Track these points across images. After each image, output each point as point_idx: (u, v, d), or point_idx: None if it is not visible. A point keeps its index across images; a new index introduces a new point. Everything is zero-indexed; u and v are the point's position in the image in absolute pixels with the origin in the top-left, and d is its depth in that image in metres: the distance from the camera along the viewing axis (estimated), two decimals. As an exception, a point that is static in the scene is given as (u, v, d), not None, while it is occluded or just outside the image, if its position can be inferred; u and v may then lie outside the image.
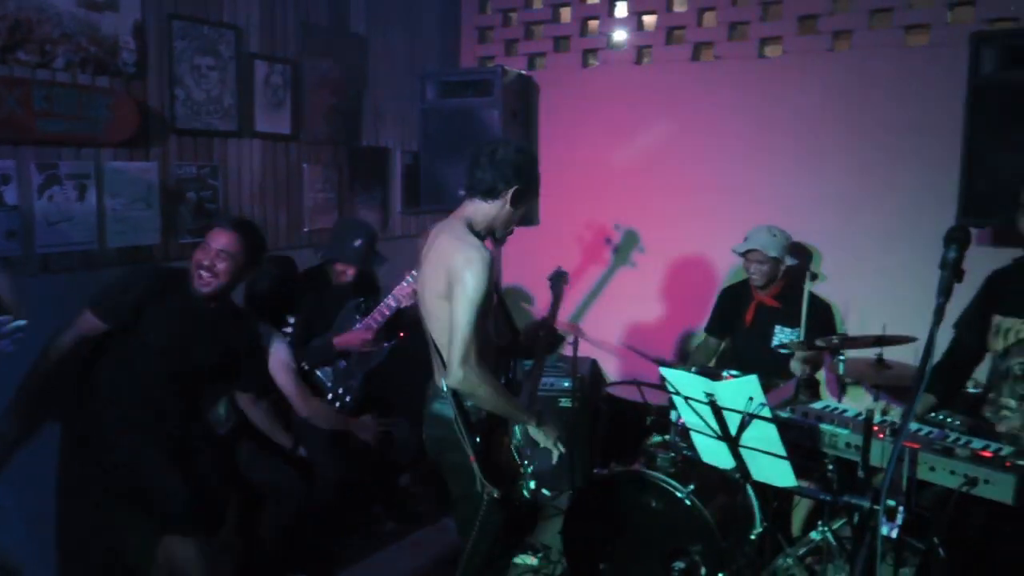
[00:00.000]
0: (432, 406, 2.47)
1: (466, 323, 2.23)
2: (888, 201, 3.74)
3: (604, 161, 4.47)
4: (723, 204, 4.12)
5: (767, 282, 3.64)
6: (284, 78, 3.89)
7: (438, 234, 2.40)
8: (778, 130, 3.99)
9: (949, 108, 3.35)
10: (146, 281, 2.65)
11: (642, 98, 4.35)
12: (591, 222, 4.53)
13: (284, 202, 3.95)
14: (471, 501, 2.43)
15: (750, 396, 2.04)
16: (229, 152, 3.66)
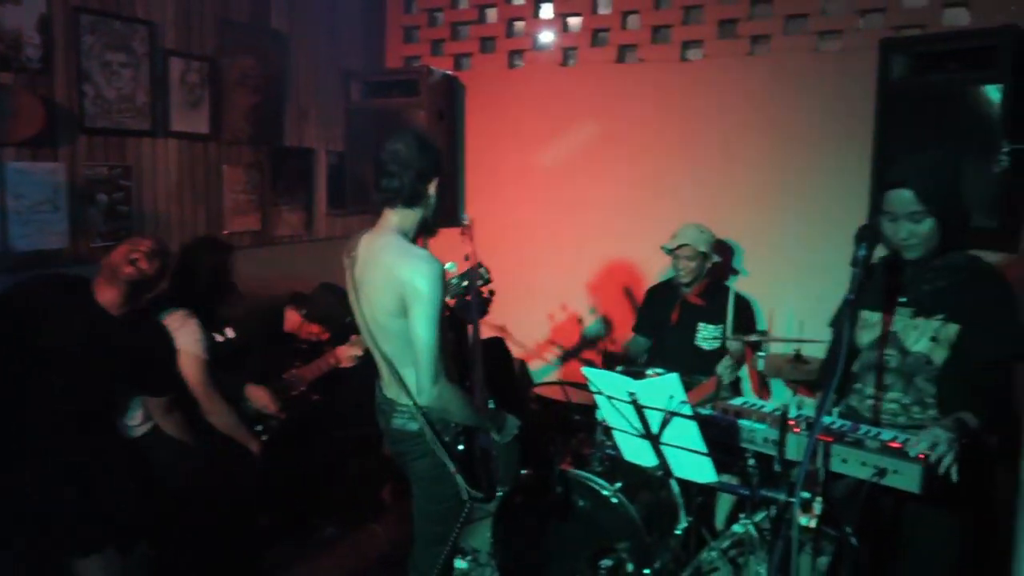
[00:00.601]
0: (393, 422, 2.42)
1: (431, 339, 2.18)
2: (806, 201, 3.85)
3: (532, 161, 4.48)
4: (649, 204, 4.18)
5: (693, 279, 3.71)
6: (201, 76, 3.77)
7: (374, 250, 2.31)
8: (701, 131, 4.07)
9: (861, 111, 3.46)
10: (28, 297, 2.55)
11: (568, 99, 4.37)
12: (520, 223, 4.53)
13: (203, 204, 3.82)
14: (444, 506, 2.44)
15: (671, 394, 2.06)
16: (143, 152, 3.53)
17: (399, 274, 2.20)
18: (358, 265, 2.37)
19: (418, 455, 2.39)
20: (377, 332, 2.34)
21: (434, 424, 2.34)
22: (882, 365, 2.26)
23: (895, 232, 2.16)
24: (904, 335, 2.22)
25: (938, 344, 2.16)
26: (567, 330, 4.50)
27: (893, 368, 2.24)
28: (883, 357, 2.25)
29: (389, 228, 2.32)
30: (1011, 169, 2.85)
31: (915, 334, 2.20)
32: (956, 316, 2.14)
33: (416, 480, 2.48)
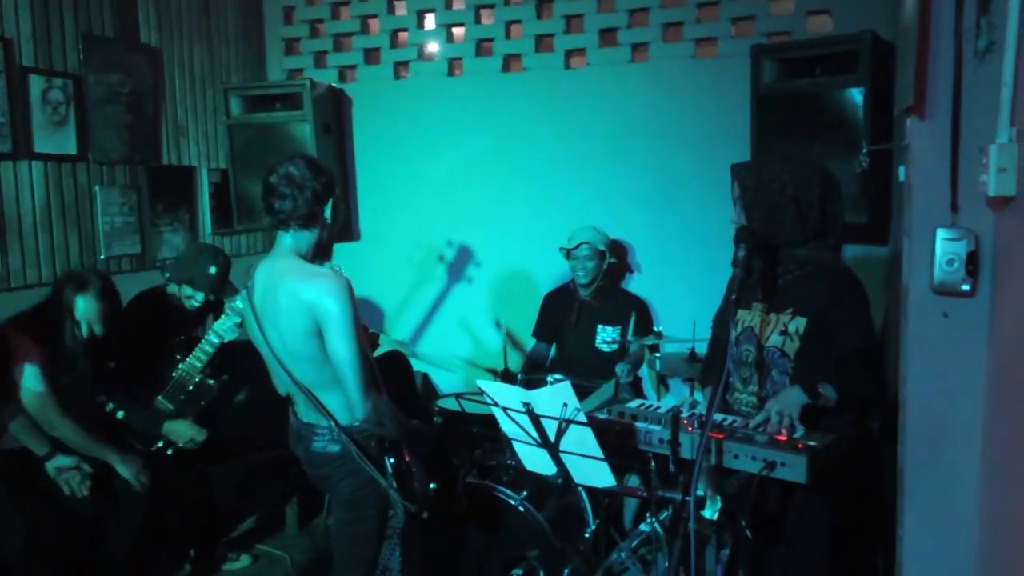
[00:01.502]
0: (314, 446, 2.35)
1: (352, 355, 2.15)
2: (691, 202, 3.97)
3: (422, 172, 4.45)
4: (541, 211, 4.22)
5: (592, 279, 3.76)
6: (66, 94, 3.55)
7: (275, 276, 2.24)
8: (587, 137, 4.14)
9: (739, 115, 3.60)
10: None
11: (456, 109, 4.37)
12: (414, 235, 4.49)
13: (75, 228, 3.60)
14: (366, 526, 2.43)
15: (564, 402, 2.08)
16: (3, 176, 3.30)
17: (306, 296, 2.16)
18: (258, 294, 2.29)
19: (340, 476, 2.35)
20: (288, 359, 2.27)
21: (358, 442, 2.29)
22: (744, 360, 2.35)
23: None
24: (760, 330, 2.31)
25: (789, 337, 2.26)
26: (468, 341, 4.48)
27: (751, 362, 2.33)
28: (747, 352, 2.34)
29: (286, 251, 2.28)
30: (869, 169, 3.03)
31: (769, 328, 2.30)
32: (805, 310, 2.24)
33: (337, 503, 2.44)
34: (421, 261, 4.50)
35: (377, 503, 2.40)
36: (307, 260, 2.29)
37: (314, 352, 2.21)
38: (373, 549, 2.48)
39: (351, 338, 2.16)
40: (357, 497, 2.38)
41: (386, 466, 2.38)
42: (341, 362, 2.16)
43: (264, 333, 2.28)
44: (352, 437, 2.30)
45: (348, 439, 2.29)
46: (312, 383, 2.28)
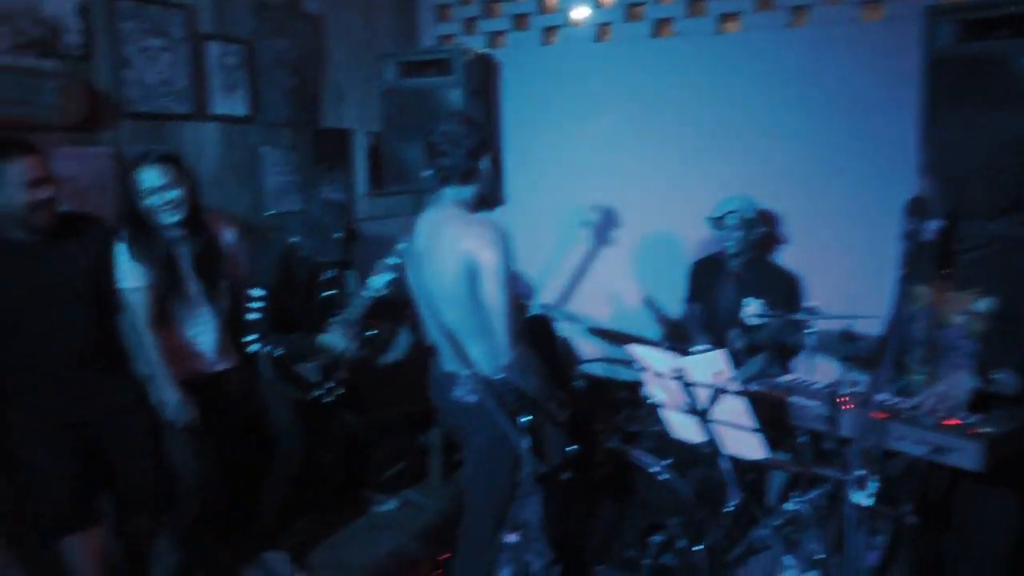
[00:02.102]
0: (452, 393, 2.46)
1: (504, 302, 2.25)
2: (850, 174, 3.77)
3: (568, 138, 4.44)
4: (687, 180, 4.13)
5: (740, 249, 3.67)
6: (239, 59, 3.78)
7: (437, 224, 2.38)
8: (739, 105, 4.00)
9: (906, 81, 3.38)
10: None
11: (603, 75, 4.32)
12: (559, 200, 4.50)
13: (244, 185, 3.85)
14: (498, 479, 2.50)
15: (718, 370, 2.05)
16: (184, 135, 3.56)
17: (465, 244, 2.26)
18: (420, 240, 2.41)
19: (476, 427, 2.43)
20: (441, 304, 2.37)
21: (497, 394, 2.35)
22: (924, 339, 2.22)
23: None
24: (944, 308, 2.18)
25: (974, 318, 2.12)
26: (612, 307, 4.48)
27: (934, 342, 2.21)
28: (928, 330, 2.21)
29: (447, 203, 2.40)
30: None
31: (951, 308, 2.16)
32: (993, 289, 2.09)
33: (472, 453, 2.51)
34: (566, 227, 4.51)
35: (510, 457, 2.45)
36: (468, 212, 2.40)
37: (466, 299, 2.29)
38: (503, 502, 2.55)
39: (504, 286, 2.25)
40: (490, 449, 2.46)
41: (521, 423, 2.41)
42: (493, 308, 2.25)
43: (422, 278, 2.39)
44: (492, 389, 2.36)
45: (487, 390, 2.35)
46: (459, 330, 2.37)
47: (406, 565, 3.34)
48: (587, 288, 4.53)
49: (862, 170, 3.73)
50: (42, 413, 2.55)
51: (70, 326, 2.59)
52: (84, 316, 2.63)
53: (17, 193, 2.40)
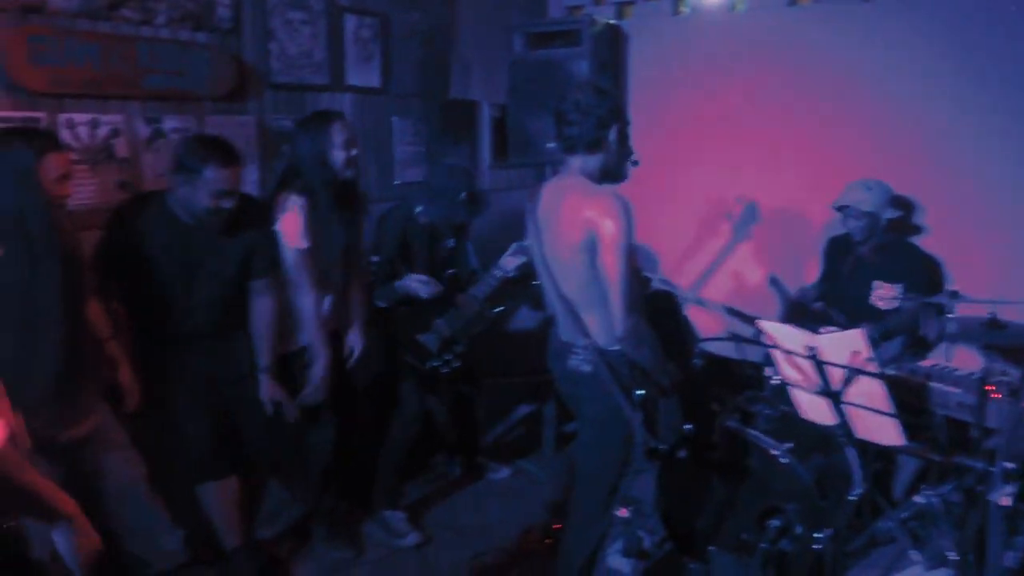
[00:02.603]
0: (568, 363, 2.46)
1: (621, 273, 2.23)
2: (997, 151, 3.51)
3: (697, 111, 4.33)
4: (821, 157, 3.95)
5: (866, 236, 3.50)
6: (374, 31, 3.89)
7: (559, 192, 2.37)
8: (880, 75, 3.78)
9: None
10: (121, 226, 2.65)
11: (736, 45, 4.18)
12: (688, 174, 4.41)
13: (374, 155, 3.98)
14: (610, 451, 2.48)
15: (855, 350, 1.96)
16: (321, 105, 3.70)
17: (587, 213, 2.24)
18: (541, 207, 2.41)
19: (590, 398, 2.42)
20: (559, 271, 2.37)
21: (612, 366, 2.34)
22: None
23: None
24: None
25: None
26: (735, 283, 4.37)
27: None
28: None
29: (572, 172, 2.38)
30: None
31: None
32: None
33: (586, 423, 2.51)
34: (691, 201, 4.42)
35: (622, 430, 2.43)
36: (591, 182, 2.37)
37: (584, 268, 2.28)
38: (614, 475, 2.53)
39: (622, 256, 2.21)
40: (603, 420, 2.44)
41: (635, 396, 2.39)
42: (610, 279, 2.21)
43: (542, 245, 2.40)
44: (606, 360, 2.35)
45: (602, 361, 2.33)
46: (576, 300, 2.36)
47: (518, 532, 3.40)
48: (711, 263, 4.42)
49: (1013, 144, 3.46)
50: (188, 375, 2.76)
51: (218, 302, 2.78)
52: (230, 295, 2.81)
53: (204, 198, 2.58)
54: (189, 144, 2.66)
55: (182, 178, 2.58)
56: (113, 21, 2.89)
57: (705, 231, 4.42)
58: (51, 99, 2.73)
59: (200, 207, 2.60)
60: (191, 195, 2.58)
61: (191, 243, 2.68)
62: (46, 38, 2.67)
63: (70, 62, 2.74)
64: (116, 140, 2.93)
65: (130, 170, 2.98)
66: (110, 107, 2.91)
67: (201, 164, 2.55)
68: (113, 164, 2.93)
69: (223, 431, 2.84)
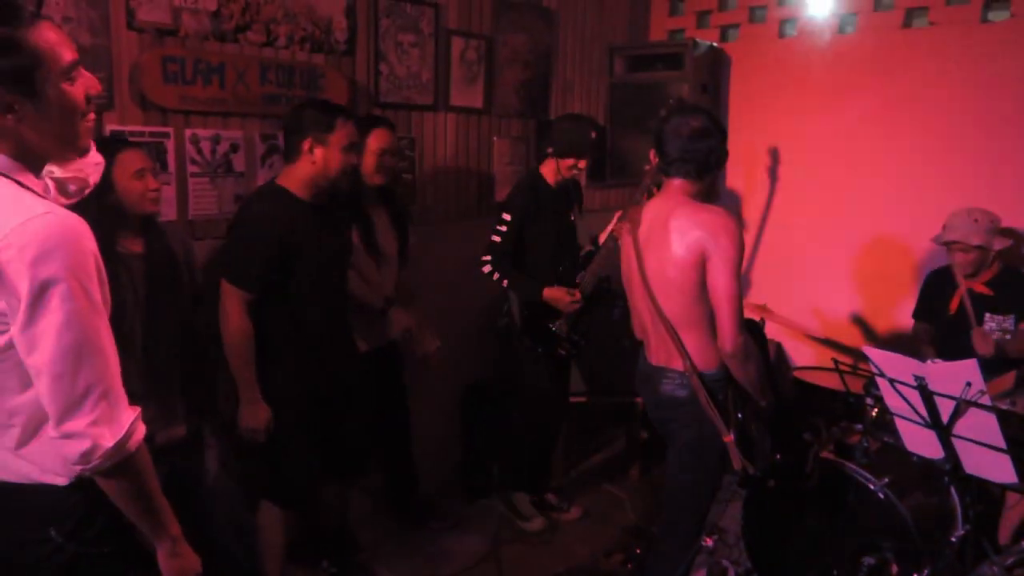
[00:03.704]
0: (662, 388, 2.46)
1: (735, 289, 2.25)
2: None
3: (800, 135, 4.26)
4: (932, 182, 3.82)
5: (975, 270, 3.35)
6: (479, 53, 4.01)
7: (665, 212, 2.38)
8: (1001, 101, 3.62)
9: None
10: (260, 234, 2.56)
11: (845, 71, 4.09)
12: (786, 199, 4.34)
13: (475, 173, 4.08)
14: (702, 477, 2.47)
15: (968, 381, 1.89)
16: (425, 125, 3.83)
17: (699, 231, 2.26)
18: (643, 228, 2.43)
19: (684, 423, 2.41)
20: (662, 291, 2.37)
21: (709, 389, 2.33)
22: None
23: None
24: None
25: None
26: (832, 312, 4.25)
27: None
28: None
29: (676, 192, 2.40)
30: None
31: None
32: None
33: (677, 449, 2.49)
34: (789, 227, 4.34)
35: (716, 456, 2.40)
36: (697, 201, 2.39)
37: (691, 286, 2.28)
38: (704, 501, 2.50)
39: (735, 273, 2.22)
40: (697, 446, 2.42)
41: (733, 419, 2.37)
42: (722, 294, 2.22)
43: (641, 265, 2.40)
44: (703, 383, 2.33)
45: (700, 383, 2.32)
46: (678, 319, 2.35)
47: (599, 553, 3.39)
48: (804, 291, 4.32)
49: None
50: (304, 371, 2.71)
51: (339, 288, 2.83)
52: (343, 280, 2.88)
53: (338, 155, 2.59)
54: (305, 111, 2.64)
55: (310, 147, 2.56)
56: (239, 43, 3.08)
57: (801, 257, 4.32)
58: (179, 115, 2.93)
59: (335, 167, 2.59)
60: (324, 159, 2.57)
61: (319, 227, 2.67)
62: (178, 59, 2.88)
63: (198, 81, 2.94)
64: (235, 155, 3.12)
65: (246, 183, 3.16)
66: (231, 123, 3.10)
67: (330, 119, 2.59)
68: (231, 177, 3.12)
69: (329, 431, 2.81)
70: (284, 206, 2.59)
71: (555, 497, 3.78)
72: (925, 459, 2.20)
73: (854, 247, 4.15)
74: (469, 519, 3.63)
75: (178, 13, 2.90)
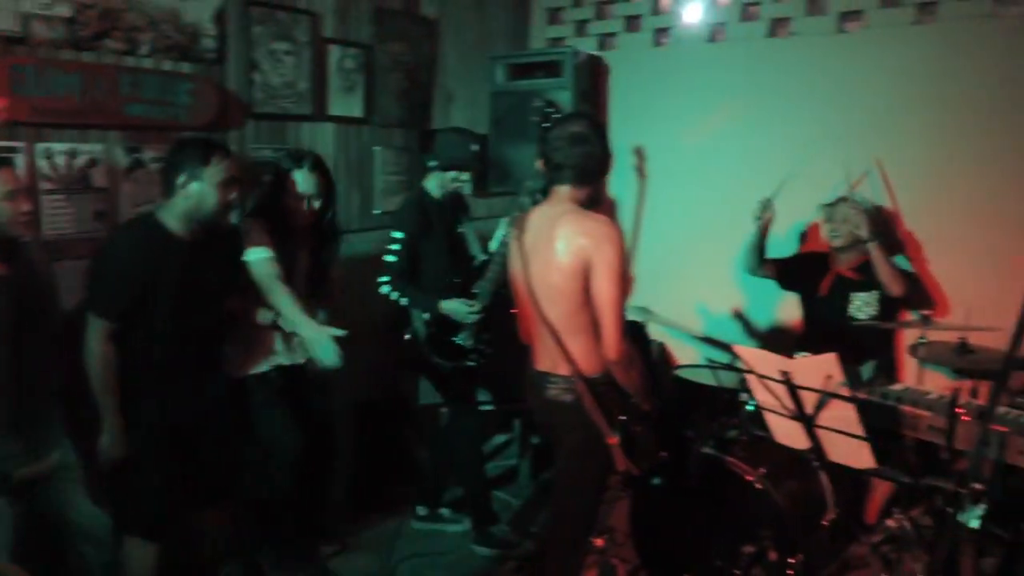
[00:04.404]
0: (548, 392, 2.46)
1: (617, 298, 2.27)
2: (972, 178, 3.58)
3: (677, 141, 4.40)
4: (800, 185, 4.01)
5: (847, 244, 3.54)
6: (357, 62, 3.95)
7: (551, 219, 2.38)
8: (858, 108, 3.85)
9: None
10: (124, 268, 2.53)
11: (716, 78, 4.25)
12: (664, 203, 4.46)
13: (356, 184, 4.02)
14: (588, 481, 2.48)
15: (828, 375, 1.99)
16: (303, 135, 3.74)
17: (583, 240, 2.27)
18: (529, 234, 2.43)
19: (570, 428, 2.42)
20: (547, 298, 2.38)
21: (595, 393, 2.35)
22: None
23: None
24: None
25: None
26: (712, 311, 4.40)
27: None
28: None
29: (563, 199, 2.41)
30: None
31: None
32: None
33: (563, 453, 2.50)
34: (668, 231, 4.47)
35: (602, 458, 2.42)
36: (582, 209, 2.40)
37: (575, 294, 2.30)
38: (591, 503, 2.52)
39: (617, 282, 2.25)
40: (583, 449, 2.43)
41: (617, 422, 2.40)
42: (605, 303, 2.24)
43: (527, 272, 2.41)
44: (589, 387, 2.36)
45: (584, 388, 2.35)
46: (562, 326, 2.36)
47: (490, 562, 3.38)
48: (685, 293, 4.46)
49: (990, 174, 3.52)
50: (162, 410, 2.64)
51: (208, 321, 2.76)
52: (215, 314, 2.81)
53: (214, 193, 2.57)
54: (182, 148, 2.63)
55: (184, 182, 2.55)
56: (97, 51, 2.92)
57: (681, 258, 4.46)
58: (30, 128, 2.75)
59: (210, 205, 2.58)
60: (200, 196, 2.56)
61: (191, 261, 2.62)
62: (28, 68, 2.71)
63: (51, 92, 2.77)
64: (93, 169, 2.95)
65: (108, 200, 2.99)
66: (90, 136, 2.93)
67: (206, 155, 2.56)
68: (90, 193, 2.95)
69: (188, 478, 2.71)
70: (153, 239, 2.57)
71: (449, 511, 3.74)
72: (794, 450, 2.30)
73: (732, 246, 4.30)
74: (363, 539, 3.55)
75: (28, 20, 2.73)
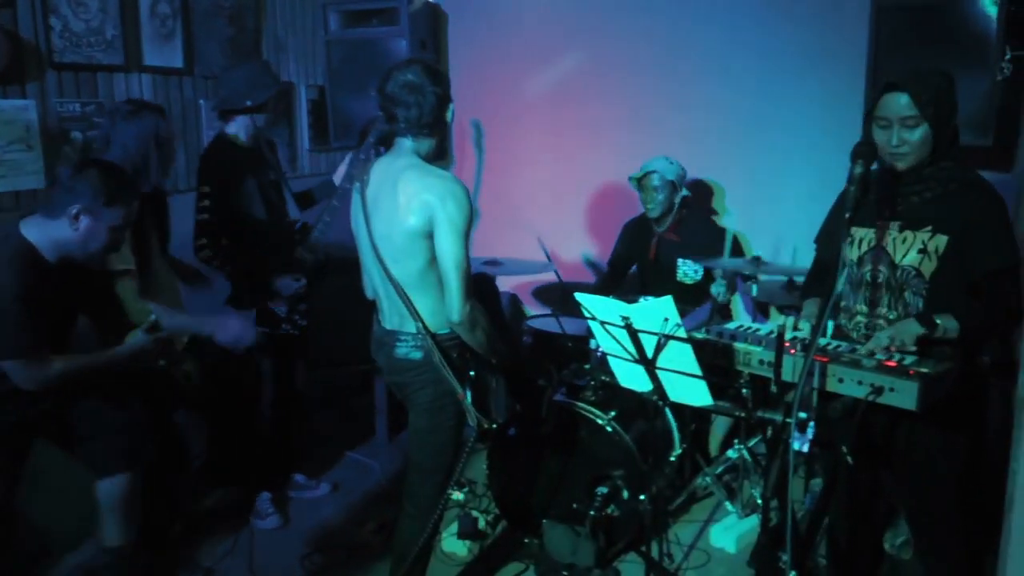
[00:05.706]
0: (396, 352, 2.39)
1: (460, 257, 2.19)
2: (794, 124, 3.80)
3: (517, 89, 4.38)
4: (632, 135, 4.11)
5: (663, 212, 3.66)
6: (173, 7, 3.62)
7: (393, 173, 2.26)
8: (685, 58, 3.98)
9: (853, 30, 3.39)
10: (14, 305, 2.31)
11: (553, 25, 4.26)
12: (508, 153, 4.45)
13: (181, 141, 3.72)
14: (443, 436, 2.44)
15: (665, 317, 2.04)
16: (116, 88, 3.42)
17: (426, 196, 2.18)
18: (371, 188, 2.32)
19: (420, 385, 2.38)
20: (389, 255, 2.29)
21: (443, 350, 2.31)
22: (871, 281, 2.23)
23: (887, 140, 2.11)
24: (892, 249, 2.19)
25: (927, 256, 2.13)
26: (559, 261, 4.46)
27: (881, 283, 2.22)
28: (874, 272, 2.22)
29: (406, 152, 2.30)
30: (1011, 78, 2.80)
31: (903, 247, 2.17)
32: (945, 227, 2.11)
33: (416, 411, 2.46)
34: (511, 180, 4.47)
35: (455, 414, 2.41)
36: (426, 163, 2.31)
37: (419, 251, 2.23)
38: (448, 459, 2.50)
39: (461, 241, 2.19)
40: (435, 406, 2.41)
41: (467, 377, 2.39)
42: (448, 262, 2.18)
43: (370, 227, 2.31)
44: (437, 344, 2.32)
45: (433, 345, 2.31)
46: (407, 283, 2.30)
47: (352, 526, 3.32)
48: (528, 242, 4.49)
49: (808, 122, 3.74)
50: None
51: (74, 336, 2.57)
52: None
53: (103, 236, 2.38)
54: (89, 172, 2.35)
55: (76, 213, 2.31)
56: None
57: (531, 207, 4.48)
58: None
59: (94, 247, 2.38)
60: (88, 234, 2.35)
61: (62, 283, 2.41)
62: None
63: None
64: None
65: None
66: None
67: (111, 198, 2.34)
68: None
69: None
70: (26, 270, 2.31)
71: (303, 477, 3.63)
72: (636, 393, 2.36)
73: (582, 194, 4.36)
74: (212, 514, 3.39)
75: None
